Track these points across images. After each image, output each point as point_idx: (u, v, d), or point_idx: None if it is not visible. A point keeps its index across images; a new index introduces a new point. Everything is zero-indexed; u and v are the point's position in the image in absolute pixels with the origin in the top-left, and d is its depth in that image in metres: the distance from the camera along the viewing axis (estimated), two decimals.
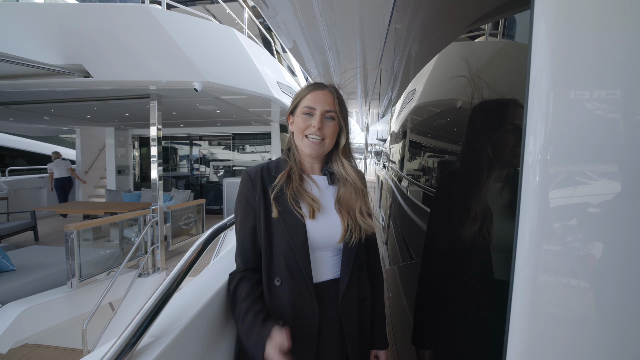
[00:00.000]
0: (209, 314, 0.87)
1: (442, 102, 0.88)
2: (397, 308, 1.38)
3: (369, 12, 2.07)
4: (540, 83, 0.37)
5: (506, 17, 0.53)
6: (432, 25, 1.04)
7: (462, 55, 0.75)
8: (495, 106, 0.55)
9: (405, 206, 1.35)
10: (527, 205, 0.38)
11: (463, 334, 0.67)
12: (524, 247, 0.39)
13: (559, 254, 0.37)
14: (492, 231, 0.54)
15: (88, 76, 3.34)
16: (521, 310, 0.39)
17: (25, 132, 8.85)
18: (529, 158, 0.38)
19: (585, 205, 0.36)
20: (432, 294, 0.91)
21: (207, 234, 1.02)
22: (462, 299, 0.69)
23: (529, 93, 0.38)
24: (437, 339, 0.85)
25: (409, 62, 1.38)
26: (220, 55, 3.78)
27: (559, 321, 0.37)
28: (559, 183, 0.37)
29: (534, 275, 0.38)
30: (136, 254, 3.98)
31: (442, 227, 0.83)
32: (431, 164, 1.00)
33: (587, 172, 0.36)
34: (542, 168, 0.37)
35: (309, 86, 0.92)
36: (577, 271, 0.37)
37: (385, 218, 2.19)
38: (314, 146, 0.88)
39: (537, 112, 0.37)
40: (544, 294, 0.38)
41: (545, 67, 0.37)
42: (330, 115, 0.88)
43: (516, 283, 0.40)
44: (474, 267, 0.63)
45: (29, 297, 3.04)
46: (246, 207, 0.87)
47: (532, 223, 0.38)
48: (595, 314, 0.37)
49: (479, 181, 0.60)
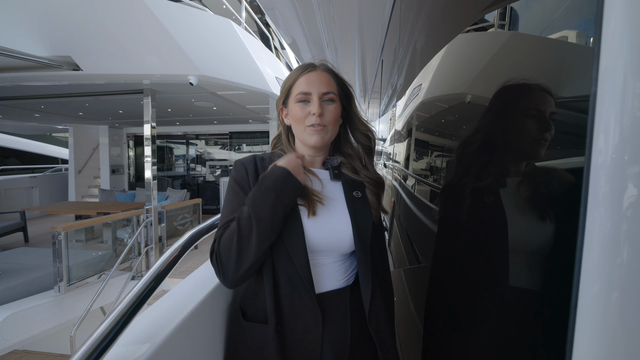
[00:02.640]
0: (196, 321, 0.80)
1: (450, 97, 0.84)
2: (403, 312, 1.32)
3: (368, 2, 1.97)
4: (613, 72, 0.33)
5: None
6: (439, 15, 0.99)
7: (472, 47, 0.71)
8: (515, 99, 0.52)
9: (412, 206, 1.31)
10: (597, 212, 0.34)
11: (487, 356, 0.58)
12: (592, 261, 0.34)
13: (634, 268, 0.32)
14: (517, 232, 0.48)
15: (77, 69, 3.19)
16: (591, 334, 0.33)
17: (17, 130, 8.64)
18: (599, 157, 0.34)
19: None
20: (443, 304, 0.81)
21: (186, 237, 0.87)
22: (485, 313, 0.60)
23: (598, 85, 0.34)
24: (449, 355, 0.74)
25: (414, 55, 1.36)
26: (217, 48, 3.64)
27: (635, 345, 0.32)
28: (635, 186, 0.32)
29: (606, 294, 0.33)
30: (129, 255, 3.83)
31: (456, 226, 0.74)
32: (439, 162, 0.96)
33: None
34: (616, 169, 0.33)
35: (298, 69, 0.81)
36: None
37: (388, 218, 2.13)
38: (317, 132, 0.76)
39: (610, 105, 0.33)
40: (618, 314, 0.32)
41: (622, 53, 0.32)
42: (329, 97, 0.77)
43: (581, 303, 0.35)
44: (498, 276, 0.55)
45: (13, 303, 2.87)
46: (239, 194, 0.77)
47: (603, 232, 0.33)
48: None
49: (498, 176, 0.56)
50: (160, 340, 0.68)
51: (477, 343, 0.61)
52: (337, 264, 0.77)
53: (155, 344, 0.67)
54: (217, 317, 0.89)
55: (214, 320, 0.88)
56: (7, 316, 2.67)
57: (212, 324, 0.87)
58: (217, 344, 0.88)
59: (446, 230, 0.82)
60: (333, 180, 0.82)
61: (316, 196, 0.76)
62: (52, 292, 3.08)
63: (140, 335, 0.70)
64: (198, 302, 0.82)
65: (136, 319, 0.67)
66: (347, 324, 0.75)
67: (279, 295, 0.72)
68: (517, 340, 0.48)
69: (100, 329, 0.61)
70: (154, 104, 3.98)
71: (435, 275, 0.89)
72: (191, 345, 0.78)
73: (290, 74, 0.82)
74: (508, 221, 0.50)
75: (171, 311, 0.78)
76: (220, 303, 0.92)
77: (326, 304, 0.74)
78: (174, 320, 0.75)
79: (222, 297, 0.93)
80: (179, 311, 0.78)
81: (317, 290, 0.74)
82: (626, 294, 0.31)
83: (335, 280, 0.77)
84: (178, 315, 0.77)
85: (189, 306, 0.80)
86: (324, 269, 0.76)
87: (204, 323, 0.83)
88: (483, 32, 0.67)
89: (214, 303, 0.89)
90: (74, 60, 3.11)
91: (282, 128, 0.87)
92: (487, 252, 0.58)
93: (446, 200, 0.84)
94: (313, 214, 0.74)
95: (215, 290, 0.89)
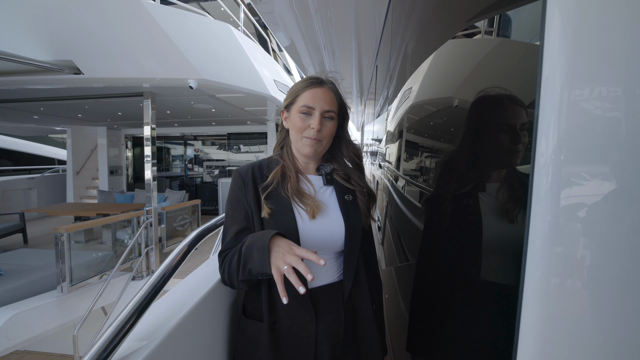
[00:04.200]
0: (197, 318, 0.83)
1: (438, 101, 0.87)
2: (394, 310, 1.37)
3: (364, 9, 2.04)
4: (553, 82, 0.37)
5: (514, 8, 0.52)
6: (429, 22, 1.02)
7: (459, 53, 0.74)
8: (493, 105, 0.55)
9: (402, 206, 1.35)
10: (539, 207, 0.38)
11: (462, 340, 0.65)
12: (535, 250, 0.38)
13: (571, 256, 0.37)
14: (492, 232, 0.54)
15: (79, 73, 3.24)
16: (533, 315, 0.39)
17: (14, 131, 8.61)
18: (541, 159, 0.38)
19: (600, 206, 0.36)
20: (427, 297, 0.88)
21: (193, 235, 0.95)
22: (460, 302, 0.66)
23: (540, 92, 0.38)
24: (434, 346, 0.82)
25: (405, 60, 1.39)
26: (216, 52, 3.70)
27: (571, 326, 0.37)
28: (571, 184, 0.36)
29: (546, 279, 0.38)
30: (130, 256, 3.88)
31: (438, 227, 0.80)
32: (428, 163, 0.99)
33: (600, 173, 0.36)
34: (555, 169, 0.37)
35: (305, 81, 0.86)
36: (589, 274, 0.36)
37: (382, 218, 2.19)
38: (312, 145, 0.83)
39: (550, 112, 0.37)
40: (556, 298, 0.37)
41: (559, 65, 0.36)
42: (329, 115, 0.84)
43: (527, 287, 0.39)
44: (472, 270, 0.61)
45: (17, 303, 2.92)
46: (237, 207, 0.82)
47: (544, 225, 0.37)
48: (609, 318, 0.36)
49: (477, 181, 0.59)
50: (163, 335, 0.71)
51: (451, 329, 0.69)
52: (330, 261, 0.85)
53: (159, 339, 0.69)
54: (220, 313, 0.93)
55: (217, 316, 0.92)
56: (12, 315, 2.72)
57: (216, 319, 0.91)
58: (220, 338, 0.92)
59: (427, 230, 0.88)
60: (325, 185, 0.89)
61: (314, 202, 0.82)
62: (55, 292, 3.12)
63: (149, 327, 0.73)
64: (201, 298, 0.85)
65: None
66: (340, 315, 0.82)
67: (274, 293, 0.79)
68: (480, 321, 0.55)
69: (114, 325, 0.64)
70: (153, 106, 4.02)
71: (419, 272, 0.95)
72: (194, 340, 0.81)
73: (299, 83, 0.87)
74: (481, 221, 0.56)
75: (175, 307, 0.81)
76: (226, 299, 0.96)
77: (320, 297, 0.81)
78: (177, 314, 0.77)
79: (227, 294, 0.97)
80: (182, 306, 0.81)
81: (312, 285, 0.81)
82: (565, 279, 0.37)
83: (328, 275, 0.84)
84: (182, 309, 0.79)
85: (192, 301, 0.83)
86: (318, 266, 0.84)
87: (208, 318, 0.87)
88: (470, 39, 0.69)
89: (218, 299, 0.92)
90: (75, 64, 3.16)
91: (282, 130, 0.92)
92: (461, 249, 0.64)
93: (428, 201, 0.90)
94: (312, 217, 0.81)
95: (217, 287, 0.92)
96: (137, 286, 3.84)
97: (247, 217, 0.82)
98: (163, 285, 0.78)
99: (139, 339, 0.69)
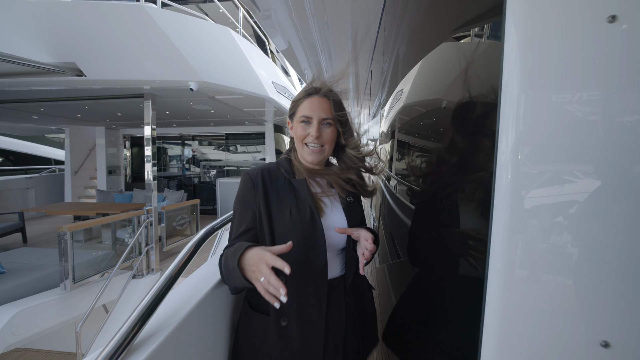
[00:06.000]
0: (203, 310, 0.87)
1: (427, 102, 0.89)
2: (386, 306, 1.41)
3: (359, 15, 2.11)
4: (511, 86, 0.39)
5: (481, 25, 0.56)
6: (418, 29, 1.06)
7: (448, 58, 0.77)
8: (471, 108, 0.56)
9: (393, 204, 1.37)
10: (500, 203, 0.40)
11: (434, 330, 0.68)
12: (497, 243, 0.40)
13: (530, 249, 0.38)
14: (465, 229, 0.55)
15: (81, 75, 3.29)
16: (495, 302, 0.41)
17: (11, 131, 8.59)
18: (502, 157, 0.39)
19: (554, 202, 0.38)
20: (406, 291, 0.93)
21: (201, 234, 1.02)
22: (433, 295, 0.69)
23: (501, 96, 0.40)
24: (404, 335, 0.87)
25: (397, 64, 1.41)
26: (216, 54, 3.76)
27: (532, 314, 0.39)
28: (529, 182, 0.38)
29: (507, 270, 0.40)
30: (130, 255, 3.93)
31: (421, 225, 0.84)
32: (417, 163, 1.01)
33: (557, 171, 0.38)
34: (514, 167, 0.38)
35: (304, 91, 0.91)
36: (547, 265, 0.39)
37: (376, 217, 2.23)
38: (314, 154, 0.89)
39: (509, 114, 0.39)
40: (517, 287, 0.39)
41: (516, 71, 0.38)
42: (327, 122, 0.89)
43: (490, 277, 0.41)
44: (448, 265, 0.63)
45: (20, 300, 2.97)
46: (245, 208, 0.86)
47: (504, 220, 0.39)
48: (565, 306, 0.39)
49: (457, 180, 0.61)
50: (172, 328, 0.73)
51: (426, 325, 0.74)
52: (333, 257, 0.91)
53: (167, 332, 0.72)
54: (226, 305, 0.98)
55: (223, 308, 0.96)
56: (17, 312, 2.78)
57: (221, 312, 0.95)
58: (224, 332, 0.96)
59: (414, 227, 0.94)
60: (329, 187, 0.95)
61: (321, 202, 0.89)
62: (58, 290, 3.18)
63: (156, 320, 0.76)
64: (206, 292, 0.88)
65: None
66: (342, 308, 0.89)
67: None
68: (452, 310, 0.60)
69: (132, 318, 0.68)
70: (154, 107, 4.07)
71: (406, 268, 1.00)
72: (200, 332, 0.84)
73: (298, 95, 0.92)
74: (455, 219, 0.60)
75: (181, 301, 0.84)
76: (228, 294, 1.00)
77: (328, 289, 0.87)
78: (184, 308, 0.80)
79: (229, 290, 1.01)
80: (187, 301, 0.83)
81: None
82: (524, 267, 0.39)
83: (332, 269, 0.90)
84: (187, 304, 0.82)
85: (198, 296, 0.86)
86: (330, 262, 0.89)
87: (213, 310, 0.91)
88: (460, 44, 0.71)
89: (221, 295, 0.96)
90: (78, 66, 3.21)
91: (291, 137, 0.98)
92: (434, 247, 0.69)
93: (414, 199, 0.96)
94: (320, 217, 0.87)
95: (220, 284, 0.96)
96: (137, 284, 3.90)
97: (254, 218, 0.86)
98: (175, 280, 0.81)
99: (150, 331, 0.73)
